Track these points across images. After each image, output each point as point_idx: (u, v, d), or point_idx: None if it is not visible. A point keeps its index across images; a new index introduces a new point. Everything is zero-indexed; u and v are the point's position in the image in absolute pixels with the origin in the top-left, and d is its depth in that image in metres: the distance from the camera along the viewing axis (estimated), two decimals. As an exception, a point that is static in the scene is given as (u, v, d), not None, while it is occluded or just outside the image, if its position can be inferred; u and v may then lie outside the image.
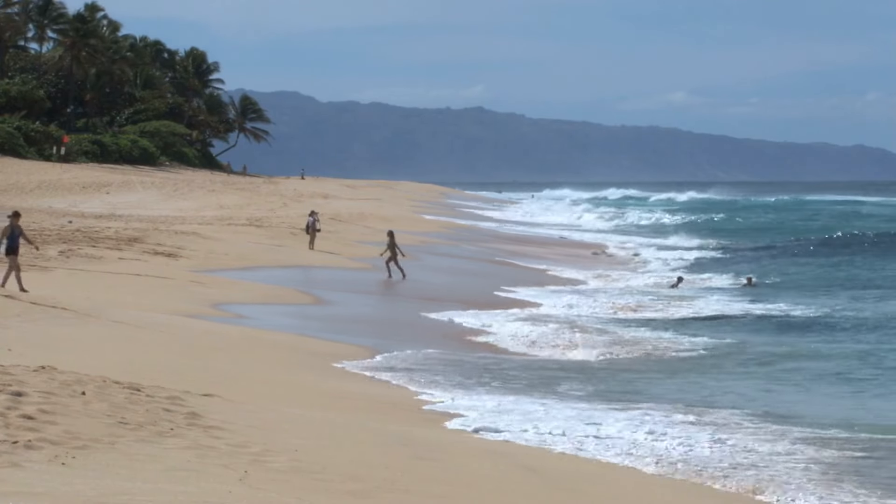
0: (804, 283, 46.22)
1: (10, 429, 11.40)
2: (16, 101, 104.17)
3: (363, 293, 36.81)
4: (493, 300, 35.92)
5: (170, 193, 77.98)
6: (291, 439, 13.06)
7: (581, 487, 13.65)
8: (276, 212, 67.28)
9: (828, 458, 16.20)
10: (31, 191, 72.87)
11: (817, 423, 18.52)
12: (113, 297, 27.56)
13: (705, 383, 22.66)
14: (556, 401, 19.71)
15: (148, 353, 19.53)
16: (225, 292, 32.35)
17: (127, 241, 41.93)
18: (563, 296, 37.85)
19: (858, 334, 30.76)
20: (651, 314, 34.31)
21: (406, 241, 46.25)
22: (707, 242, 70.99)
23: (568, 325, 30.34)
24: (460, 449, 14.81)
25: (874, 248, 64.34)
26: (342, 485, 11.27)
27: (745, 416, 19.03)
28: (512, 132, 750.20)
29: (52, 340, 19.24)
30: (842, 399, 21.44)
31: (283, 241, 51.03)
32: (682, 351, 26.90)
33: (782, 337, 29.96)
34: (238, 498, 10.07)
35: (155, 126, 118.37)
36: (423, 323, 30.45)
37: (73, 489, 9.65)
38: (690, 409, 19.41)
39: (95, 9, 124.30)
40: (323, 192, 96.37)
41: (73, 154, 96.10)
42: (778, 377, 23.68)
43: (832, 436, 17.69)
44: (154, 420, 12.77)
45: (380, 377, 21.21)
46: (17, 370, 14.26)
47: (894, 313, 34.61)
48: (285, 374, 20.12)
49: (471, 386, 20.88)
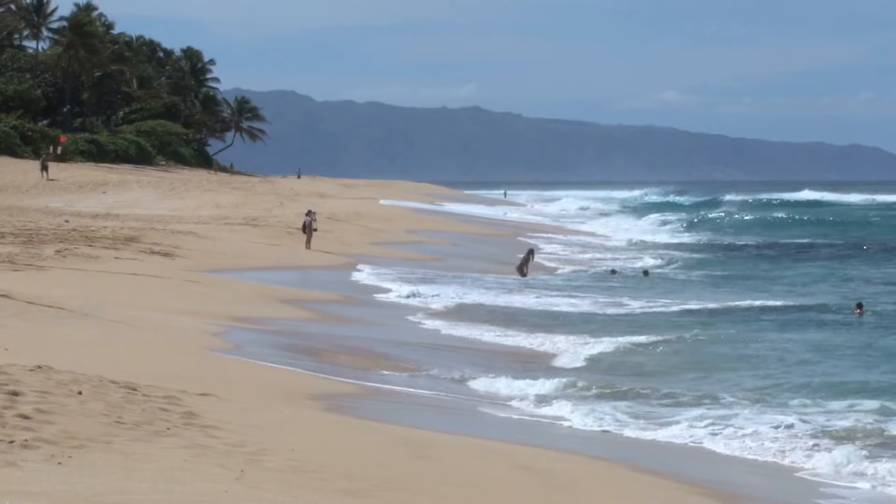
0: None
1: (7, 428, 11.39)
2: (12, 101, 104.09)
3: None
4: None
5: (166, 193, 77.95)
6: (288, 438, 13.05)
7: (581, 487, 13.64)
8: (272, 211, 67.25)
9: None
10: (28, 190, 72.82)
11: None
12: (109, 296, 27.54)
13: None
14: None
15: (144, 353, 19.51)
16: (221, 291, 32.34)
17: (123, 241, 41.92)
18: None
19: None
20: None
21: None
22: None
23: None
24: (458, 448, 14.80)
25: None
26: (339, 484, 11.25)
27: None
28: (508, 131, 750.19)
29: (48, 340, 19.23)
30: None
31: (280, 240, 51.03)
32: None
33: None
34: (235, 497, 10.06)
35: (151, 125, 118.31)
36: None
37: (70, 488, 9.64)
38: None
39: (91, 7, 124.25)
40: (319, 192, 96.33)
41: (69, 153, 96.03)
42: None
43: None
44: (150, 419, 12.75)
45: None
46: (14, 370, 14.24)
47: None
48: (283, 373, 20.11)
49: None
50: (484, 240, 64.97)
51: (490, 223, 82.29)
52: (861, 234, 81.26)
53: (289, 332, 25.82)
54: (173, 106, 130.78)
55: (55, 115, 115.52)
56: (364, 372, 21.80)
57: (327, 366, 21.83)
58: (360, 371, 21.82)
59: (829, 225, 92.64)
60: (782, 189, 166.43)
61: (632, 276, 47.04)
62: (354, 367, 22.31)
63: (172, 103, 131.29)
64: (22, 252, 34.88)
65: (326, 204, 76.43)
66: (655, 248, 65.55)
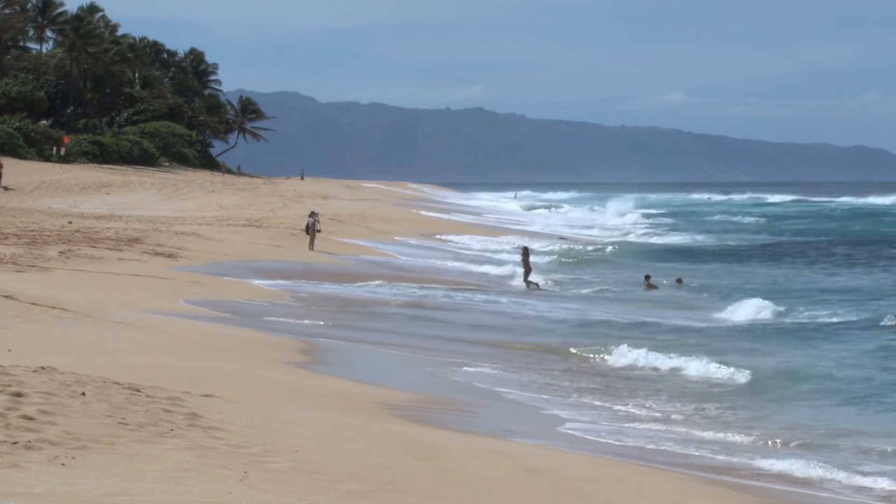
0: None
1: (10, 429, 11.38)
2: (16, 102, 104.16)
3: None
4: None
5: (169, 194, 77.97)
6: (291, 439, 13.05)
7: (581, 487, 13.62)
8: (275, 212, 67.27)
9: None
10: (31, 191, 72.85)
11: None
12: (113, 297, 27.55)
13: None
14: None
15: (147, 354, 19.51)
16: (224, 293, 32.34)
17: (127, 242, 41.93)
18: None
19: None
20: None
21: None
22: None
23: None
24: (461, 449, 14.79)
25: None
26: (342, 485, 11.25)
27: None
28: (511, 132, 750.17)
29: (51, 341, 19.23)
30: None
31: (283, 241, 51.05)
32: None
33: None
34: (238, 498, 10.06)
35: (155, 127, 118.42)
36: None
37: (73, 490, 9.64)
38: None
39: (94, 9, 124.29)
40: (323, 193, 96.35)
41: (72, 154, 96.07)
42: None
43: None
44: (154, 420, 12.75)
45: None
46: (17, 371, 14.24)
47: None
48: (285, 375, 20.10)
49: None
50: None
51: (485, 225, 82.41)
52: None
53: (294, 332, 25.82)
54: (177, 107, 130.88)
55: (59, 117, 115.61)
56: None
57: (328, 366, 21.83)
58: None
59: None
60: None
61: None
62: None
63: (176, 105, 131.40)
64: (25, 253, 34.89)
65: (330, 205, 76.45)
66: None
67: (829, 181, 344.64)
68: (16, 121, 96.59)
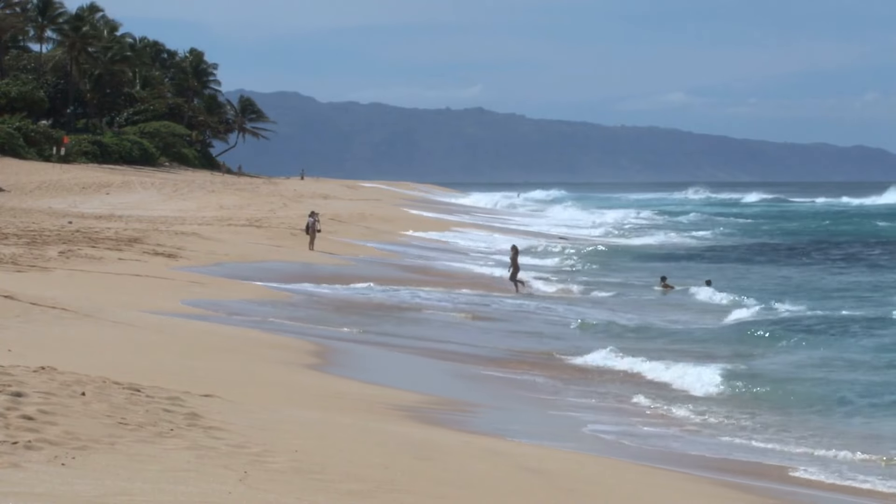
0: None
1: (10, 429, 11.37)
2: (16, 102, 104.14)
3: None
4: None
5: (170, 194, 77.99)
6: (291, 440, 13.04)
7: (581, 487, 13.61)
8: (275, 212, 67.28)
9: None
10: (31, 191, 72.85)
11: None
12: (113, 297, 27.54)
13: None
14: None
15: (148, 354, 19.50)
16: (224, 293, 32.34)
17: (127, 242, 41.93)
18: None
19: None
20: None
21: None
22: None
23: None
24: (461, 449, 14.78)
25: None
26: (342, 485, 11.24)
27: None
28: (511, 132, 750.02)
29: (51, 341, 19.22)
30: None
31: (283, 241, 51.05)
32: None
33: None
34: (238, 498, 10.05)
35: (155, 126, 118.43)
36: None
37: (73, 490, 9.63)
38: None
39: (94, 9, 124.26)
40: (323, 193, 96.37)
41: (72, 154, 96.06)
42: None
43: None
44: (154, 420, 12.74)
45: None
46: (17, 370, 14.23)
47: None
48: (285, 375, 20.10)
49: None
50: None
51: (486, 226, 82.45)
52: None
53: (294, 332, 25.82)
54: (177, 107, 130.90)
55: (59, 117, 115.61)
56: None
57: (332, 367, 21.83)
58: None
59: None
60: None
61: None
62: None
63: (176, 105, 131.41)
64: (25, 253, 34.88)
65: (330, 205, 76.46)
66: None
67: (829, 181, 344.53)
68: (16, 121, 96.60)
